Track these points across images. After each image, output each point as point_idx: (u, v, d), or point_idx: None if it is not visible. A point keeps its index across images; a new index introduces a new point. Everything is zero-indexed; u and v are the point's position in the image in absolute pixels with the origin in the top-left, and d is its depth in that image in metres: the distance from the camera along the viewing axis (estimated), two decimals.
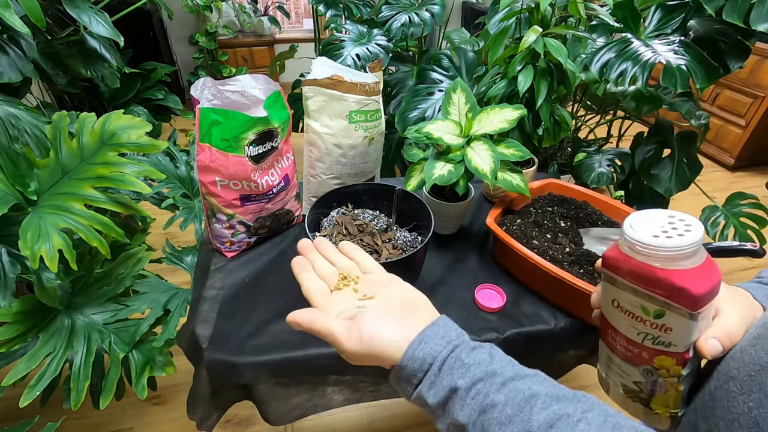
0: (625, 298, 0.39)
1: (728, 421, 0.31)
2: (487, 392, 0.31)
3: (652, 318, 0.37)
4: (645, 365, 0.40)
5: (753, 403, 0.30)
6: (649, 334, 0.38)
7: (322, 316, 0.38)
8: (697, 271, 0.34)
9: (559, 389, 0.31)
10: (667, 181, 1.40)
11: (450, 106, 0.76)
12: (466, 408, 0.31)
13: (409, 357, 0.34)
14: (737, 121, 2.62)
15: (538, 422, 0.29)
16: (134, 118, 0.91)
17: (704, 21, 1.16)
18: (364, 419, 1.32)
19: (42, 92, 1.84)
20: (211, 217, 0.75)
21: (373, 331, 0.35)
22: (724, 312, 0.38)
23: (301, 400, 0.72)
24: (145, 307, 1.00)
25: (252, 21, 3.35)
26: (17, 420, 0.83)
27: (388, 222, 0.76)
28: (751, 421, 0.30)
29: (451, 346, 0.34)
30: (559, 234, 0.75)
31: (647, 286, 0.36)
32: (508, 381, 0.32)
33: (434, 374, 0.33)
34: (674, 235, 0.34)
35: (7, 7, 0.90)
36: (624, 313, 0.39)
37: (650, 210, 0.38)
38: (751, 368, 0.31)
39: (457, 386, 0.32)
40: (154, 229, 1.47)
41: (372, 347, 0.35)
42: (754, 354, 0.32)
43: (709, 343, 0.35)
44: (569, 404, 0.30)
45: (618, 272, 0.38)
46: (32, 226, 0.76)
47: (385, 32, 1.62)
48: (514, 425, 0.29)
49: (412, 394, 0.34)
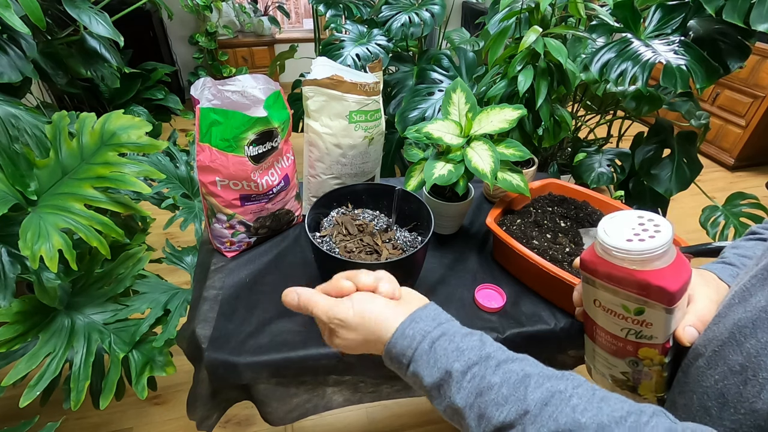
0: (605, 298, 0.40)
1: (699, 394, 0.34)
2: (483, 375, 0.32)
3: (633, 315, 0.39)
4: (630, 357, 0.42)
5: (718, 376, 0.32)
6: (631, 329, 0.40)
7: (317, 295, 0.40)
8: (670, 269, 0.36)
9: (549, 369, 0.33)
10: (667, 181, 1.40)
11: (450, 106, 0.76)
12: (463, 391, 0.32)
13: (400, 334, 0.36)
14: (737, 121, 2.62)
15: (534, 400, 0.30)
16: (134, 118, 0.91)
17: (704, 21, 1.16)
18: (365, 419, 1.32)
19: (42, 92, 1.84)
20: (211, 217, 0.75)
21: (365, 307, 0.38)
22: (696, 298, 0.40)
23: (301, 401, 0.72)
24: (145, 307, 1.00)
25: (252, 21, 3.35)
26: (17, 420, 0.83)
27: (388, 222, 0.76)
28: (718, 393, 0.32)
29: (441, 328, 0.36)
30: (559, 234, 0.75)
31: (625, 287, 0.37)
32: (502, 363, 0.33)
33: (425, 351, 0.35)
34: (646, 238, 0.36)
35: (7, 7, 0.90)
36: (606, 312, 0.41)
37: (621, 212, 0.39)
38: (715, 344, 0.34)
39: (452, 369, 0.33)
40: (154, 229, 1.48)
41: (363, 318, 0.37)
42: (717, 331, 0.35)
43: (687, 331, 0.38)
44: (560, 382, 0.31)
45: (596, 275, 0.39)
46: (32, 226, 0.76)
47: (385, 32, 1.62)
48: (511, 405, 0.30)
49: (406, 371, 0.36)
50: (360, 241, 0.69)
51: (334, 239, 0.70)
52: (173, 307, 1.01)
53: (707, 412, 0.33)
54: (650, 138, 1.46)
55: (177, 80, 3.39)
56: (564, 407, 0.29)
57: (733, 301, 0.35)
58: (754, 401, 0.29)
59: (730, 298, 0.36)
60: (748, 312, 0.32)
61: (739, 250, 0.47)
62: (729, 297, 0.37)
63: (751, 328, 0.31)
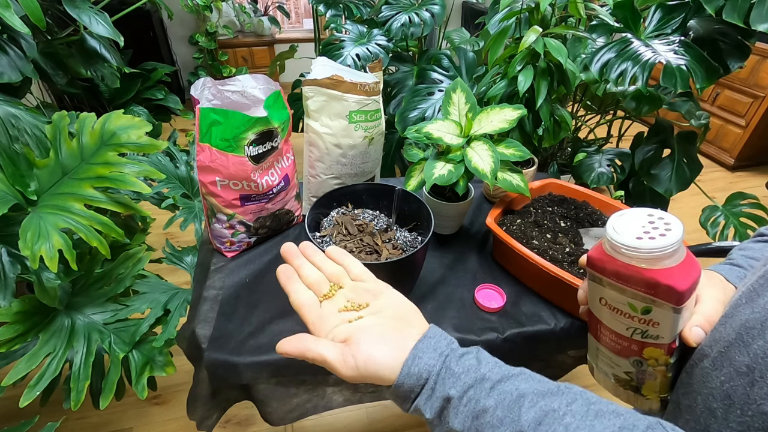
0: (611, 296, 0.40)
1: (704, 396, 0.34)
2: (478, 398, 0.32)
3: (640, 314, 0.38)
4: (634, 357, 0.42)
5: (724, 377, 0.32)
6: (637, 328, 0.39)
7: (314, 343, 0.37)
8: (680, 268, 0.35)
9: (544, 384, 0.33)
10: (667, 181, 1.40)
11: (450, 106, 0.76)
12: (460, 416, 0.32)
13: (405, 374, 0.35)
14: (737, 121, 2.62)
15: (527, 421, 0.30)
16: (134, 118, 0.91)
17: (704, 21, 1.16)
18: (365, 419, 1.32)
19: (42, 92, 1.85)
20: (211, 217, 0.75)
21: (368, 356, 0.35)
22: (703, 299, 0.40)
23: (301, 401, 0.71)
24: (145, 307, 1.00)
25: (252, 21, 3.35)
26: (17, 420, 0.83)
27: (388, 222, 0.76)
28: (724, 394, 0.32)
29: (443, 357, 0.35)
30: (559, 234, 0.75)
31: (633, 285, 0.37)
32: (496, 384, 0.33)
33: (430, 388, 0.34)
34: (656, 236, 0.35)
35: (7, 7, 0.90)
36: (612, 310, 0.41)
37: (630, 210, 0.39)
38: (722, 345, 0.34)
39: (450, 396, 0.33)
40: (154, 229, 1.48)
41: (368, 371, 0.35)
42: (723, 332, 0.34)
43: (694, 331, 0.38)
44: (554, 399, 0.31)
45: (603, 273, 0.39)
46: (32, 226, 0.76)
47: (385, 32, 1.62)
48: (506, 426, 0.30)
49: (410, 408, 0.35)
50: (360, 241, 0.69)
51: (334, 239, 0.70)
52: (173, 307, 1.01)
53: (712, 413, 0.32)
54: (650, 138, 1.46)
55: (177, 80, 3.39)
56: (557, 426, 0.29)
57: (740, 302, 0.35)
58: (762, 403, 0.28)
59: (737, 299, 0.36)
60: (756, 313, 0.32)
61: (746, 251, 0.47)
62: (736, 298, 0.36)
63: (758, 329, 0.31)
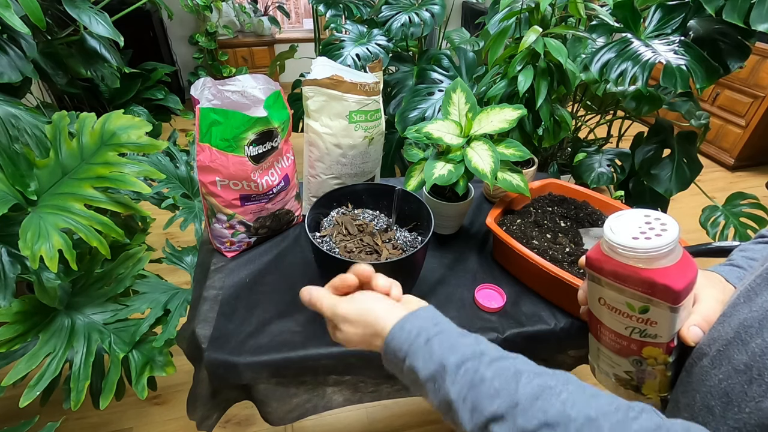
0: (610, 296, 0.40)
1: (703, 394, 0.34)
2: (477, 369, 0.33)
3: (638, 313, 0.39)
4: (634, 356, 0.42)
5: (723, 375, 0.33)
6: (636, 328, 0.40)
7: (325, 291, 0.43)
8: (676, 268, 0.36)
9: (541, 368, 0.34)
10: (667, 181, 1.40)
11: (450, 106, 0.76)
12: (457, 384, 0.33)
13: (399, 328, 0.37)
14: (737, 121, 2.62)
15: (525, 394, 0.31)
16: (134, 118, 0.91)
17: (704, 21, 1.16)
18: (365, 419, 1.32)
19: (42, 92, 1.85)
20: (211, 217, 0.75)
21: (366, 304, 0.40)
22: (701, 298, 0.41)
23: (301, 401, 0.71)
24: (145, 307, 1.00)
25: (252, 21, 3.35)
26: (17, 420, 0.83)
27: (388, 222, 0.76)
28: (722, 392, 0.32)
29: (439, 327, 0.37)
30: (559, 234, 0.75)
31: (631, 285, 0.38)
32: (495, 360, 0.34)
33: (420, 346, 0.36)
34: (652, 236, 0.36)
35: (7, 7, 0.90)
36: (611, 310, 0.41)
37: (627, 211, 0.40)
38: (720, 344, 0.34)
39: (447, 363, 0.34)
40: (154, 229, 1.47)
41: (364, 314, 0.39)
42: (722, 331, 0.35)
43: (692, 330, 0.38)
44: (551, 378, 0.32)
45: (602, 273, 0.40)
46: (32, 226, 0.76)
47: (385, 32, 1.62)
48: (502, 397, 0.31)
49: (403, 365, 0.37)
50: (360, 241, 0.69)
51: (334, 239, 0.70)
52: (173, 307, 1.01)
53: (710, 411, 0.33)
54: (650, 138, 1.46)
55: (177, 80, 3.39)
56: (554, 401, 0.30)
57: (738, 301, 0.35)
58: (760, 400, 0.29)
59: (735, 298, 0.36)
60: (754, 312, 0.32)
61: (747, 252, 0.47)
62: (734, 297, 0.37)
63: (756, 328, 0.31)
